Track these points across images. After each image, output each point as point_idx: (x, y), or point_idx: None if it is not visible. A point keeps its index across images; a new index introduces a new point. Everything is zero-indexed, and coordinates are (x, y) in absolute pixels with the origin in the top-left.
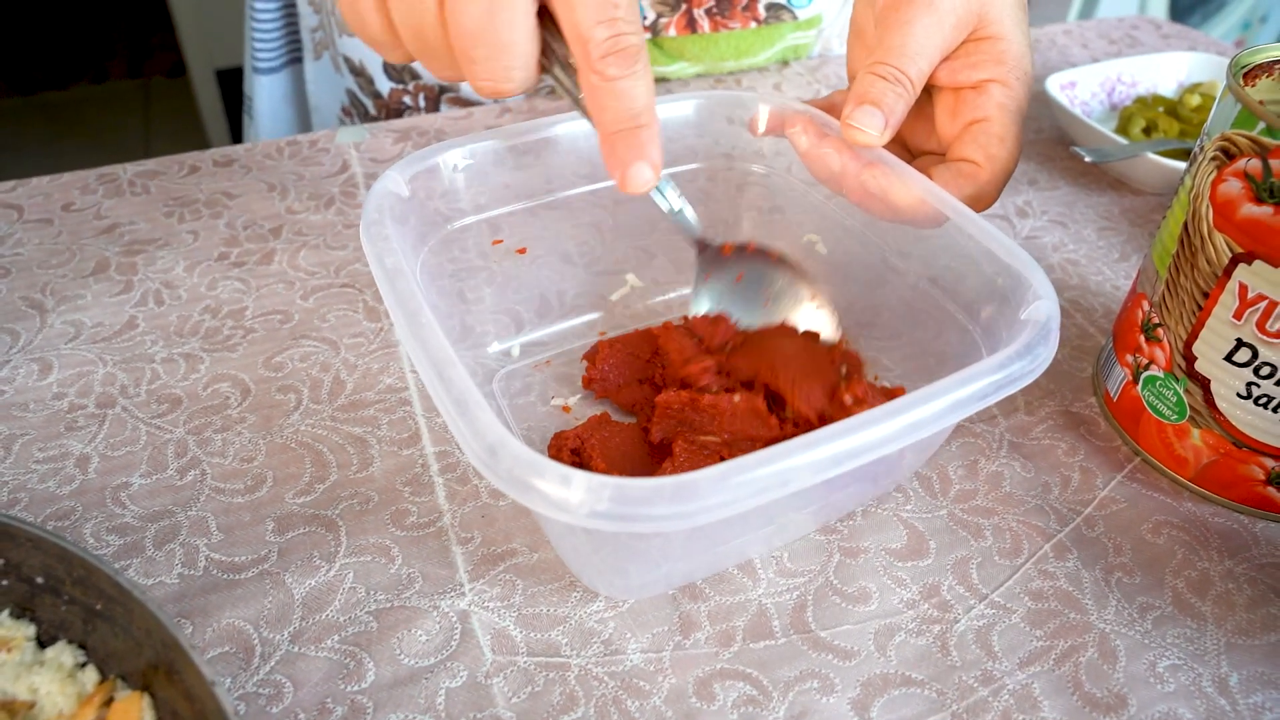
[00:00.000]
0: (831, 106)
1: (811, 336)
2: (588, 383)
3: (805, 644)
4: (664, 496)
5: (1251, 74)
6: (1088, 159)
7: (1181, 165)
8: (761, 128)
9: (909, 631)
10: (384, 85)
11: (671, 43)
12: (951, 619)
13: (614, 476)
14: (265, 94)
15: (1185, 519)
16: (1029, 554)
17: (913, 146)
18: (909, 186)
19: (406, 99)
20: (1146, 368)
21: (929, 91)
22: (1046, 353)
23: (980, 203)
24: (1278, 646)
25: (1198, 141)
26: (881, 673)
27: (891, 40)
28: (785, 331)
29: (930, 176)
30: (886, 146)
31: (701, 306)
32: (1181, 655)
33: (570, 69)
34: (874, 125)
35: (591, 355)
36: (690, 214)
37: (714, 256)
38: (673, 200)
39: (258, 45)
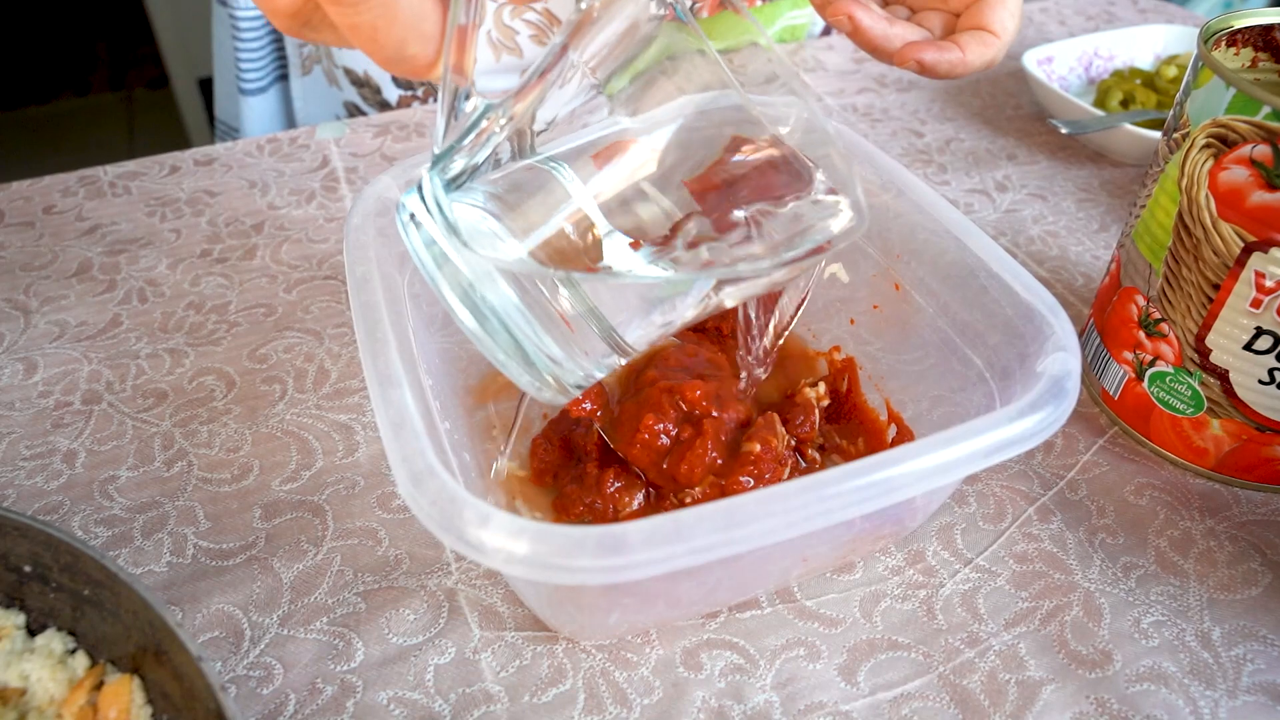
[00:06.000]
0: None
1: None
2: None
3: (791, 613)
4: (587, 549)
5: (1218, 44)
6: (1064, 130)
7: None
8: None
9: (895, 598)
10: (392, 94)
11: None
12: (937, 584)
13: (538, 521)
14: (255, 115)
15: (1167, 481)
16: (1013, 518)
17: (915, 3)
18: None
19: (416, 104)
20: (1152, 364)
21: None
22: (1061, 412)
23: (991, 64)
24: (1258, 600)
25: (1170, 113)
26: (868, 638)
27: None
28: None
29: (958, 40)
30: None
31: None
32: (1165, 612)
33: None
34: None
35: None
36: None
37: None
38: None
39: (244, 66)
